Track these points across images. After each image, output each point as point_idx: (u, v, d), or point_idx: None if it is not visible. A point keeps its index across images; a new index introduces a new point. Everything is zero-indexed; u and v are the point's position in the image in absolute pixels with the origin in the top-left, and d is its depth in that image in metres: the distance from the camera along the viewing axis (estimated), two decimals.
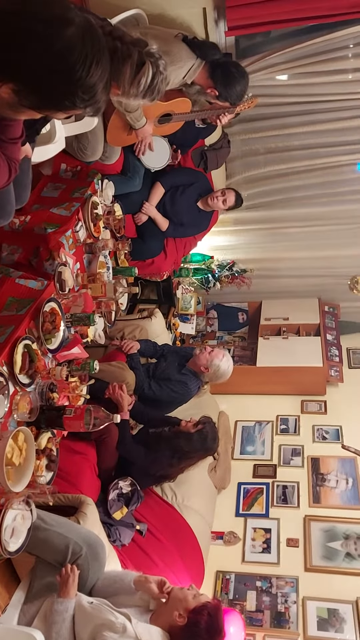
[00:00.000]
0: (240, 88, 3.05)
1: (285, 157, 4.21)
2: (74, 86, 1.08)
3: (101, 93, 1.12)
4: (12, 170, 1.39)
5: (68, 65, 1.05)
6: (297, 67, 3.64)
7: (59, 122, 2.39)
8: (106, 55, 1.11)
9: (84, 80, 1.07)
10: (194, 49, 2.94)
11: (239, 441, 4.28)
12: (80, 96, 1.10)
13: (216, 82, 2.99)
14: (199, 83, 3.06)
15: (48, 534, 2.18)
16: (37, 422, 2.05)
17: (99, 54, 1.08)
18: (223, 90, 3.01)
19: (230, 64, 3.07)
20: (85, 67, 1.07)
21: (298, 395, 4.52)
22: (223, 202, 3.78)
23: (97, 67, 1.08)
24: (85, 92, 1.09)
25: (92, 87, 1.09)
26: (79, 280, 2.58)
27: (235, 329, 5.14)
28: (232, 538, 3.60)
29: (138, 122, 2.88)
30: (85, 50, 1.06)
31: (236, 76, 3.00)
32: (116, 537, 2.80)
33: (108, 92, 1.16)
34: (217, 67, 2.98)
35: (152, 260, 3.66)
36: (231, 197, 3.80)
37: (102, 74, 1.10)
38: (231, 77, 2.99)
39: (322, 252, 4.66)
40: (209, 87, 3.02)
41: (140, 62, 1.86)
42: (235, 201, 3.84)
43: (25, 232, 2.58)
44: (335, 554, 3.44)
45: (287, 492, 3.85)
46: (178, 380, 3.31)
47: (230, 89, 3.01)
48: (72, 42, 1.04)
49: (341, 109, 3.93)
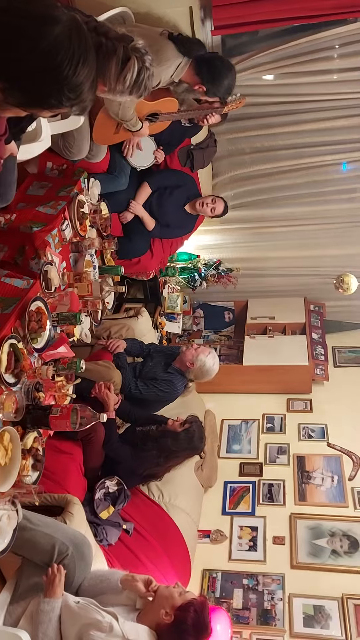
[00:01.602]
0: (228, 82, 3.01)
1: (271, 156, 4.23)
2: (61, 85, 1.07)
3: (87, 92, 1.12)
4: None
5: (54, 65, 1.04)
6: (283, 67, 3.66)
7: (44, 120, 2.38)
8: (93, 54, 1.10)
9: (70, 79, 1.07)
10: (180, 46, 2.92)
11: (225, 440, 4.29)
12: (67, 95, 1.09)
13: (203, 78, 2.95)
14: (186, 81, 3.03)
15: (34, 534, 2.16)
16: (23, 422, 2.04)
17: (85, 53, 1.08)
18: (211, 85, 2.98)
19: (216, 58, 3.03)
20: (72, 66, 1.06)
21: (284, 394, 4.54)
22: (212, 209, 3.82)
23: (83, 66, 1.08)
24: (71, 90, 1.09)
25: (79, 86, 1.09)
26: (65, 279, 2.57)
27: (221, 328, 5.16)
28: (218, 536, 3.62)
29: (135, 127, 2.87)
30: (71, 49, 1.05)
31: (223, 70, 2.97)
32: (103, 536, 2.80)
33: (94, 90, 1.15)
34: (203, 63, 2.94)
35: (139, 259, 3.66)
36: (220, 206, 3.87)
37: (88, 72, 1.09)
38: (217, 71, 2.96)
39: (307, 251, 4.68)
40: (197, 84, 2.99)
41: (125, 58, 1.85)
42: (223, 211, 3.89)
43: (11, 230, 2.57)
44: (321, 551, 3.47)
45: (273, 490, 3.87)
46: (164, 379, 3.32)
47: (217, 83, 2.98)
48: (59, 41, 1.03)
49: (326, 109, 3.96)
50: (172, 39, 2.93)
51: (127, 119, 2.74)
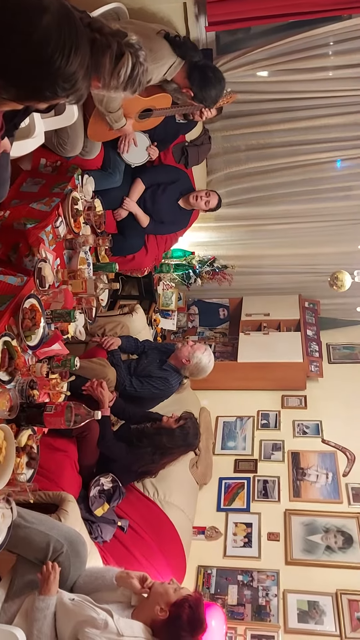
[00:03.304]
0: (216, 92, 3.06)
1: (266, 154, 4.22)
2: (54, 76, 1.05)
3: (82, 80, 1.10)
4: None
5: (46, 56, 1.03)
6: (278, 64, 3.65)
7: (38, 117, 2.37)
8: (85, 41, 1.08)
9: (63, 69, 1.05)
10: (175, 47, 2.94)
11: (220, 436, 4.31)
12: (62, 85, 1.07)
13: (193, 84, 3.00)
14: (176, 82, 3.07)
15: (29, 531, 2.16)
16: (17, 420, 2.03)
17: (77, 41, 1.06)
18: (199, 92, 3.02)
19: (209, 67, 3.07)
20: (64, 56, 1.04)
21: (278, 391, 4.55)
22: (206, 203, 3.80)
23: (76, 54, 1.06)
24: (66, 81, 1.07)
25: (73, 75, 1.07)
26: (59, 276, 2.56)
27: (216, 325, 5.17)
28: (213, 533, 3.63)
29: (117, 123, 2.87)
30: (62, 38, 1.03)
31: (213, 81, 3.02)
32: (97, 533, 2.80)
33: (89, 78, 1.13)
34: (195, 69, 2.98)
35: (133, 256, 3.66)
36: (214, 200, 3.85)
37: (81, 60, 1.07)
38: (208, 80, 3.00)
39: (302, 249, 4.69)
40: (186, 87, 3.03)
41: (119, 53, 1.84)
42: (217, 204, 3.88)
43: (4, 227, 2.55)
44: (315, 547, 3.49)
45: (268, 486, 3.89)
46: (159, 377, 3.31)
47: (205, 92, 3.02)
48: (49, 31, 1.01)
49: (321, 107, 3.96)
50: (168, 39, 2.94)
51: (111, 110, 2.72)
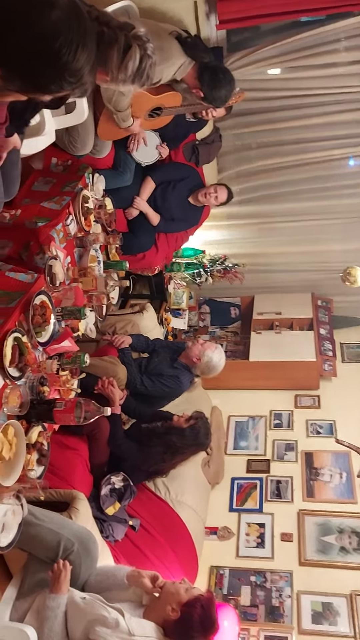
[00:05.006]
0: (225, 93, 3.05)
1: (277, 151, 4.20)
2: (60, 71, 1.06)
3: (88, 75, 1.10)
4: None
5: (53, 51, 1.03)
6: (289, 60, 3.63)
7: (48, 115, 2.37)
8: (92, 37, 1.09)
9: (70, 64, 1.05)
10: (186, 48, 2.93)
11: (232, 436, 4.27)
12: (67, 79, 1.08)
13: (202, 84, 2.99)
14: (186, 82, 3.07)
15: (39, 529, 2.16)
16: (28, 416, 2.02)
17: (85, 37, 1.06)
18: (208, 92, 3.02)
19: (219, 69, 3.07)
20: (72, 51, 1.04)
21: (291, 390, 4.50)
22: (215, 198, 3.78)
23: (83, 50, 1.06)
24: (72, 75, 1.07)
25: (79, 71, 1.08)
26: (70, 274, 2.55)
27: (227, 324, 5.13)
28: (226, 533, 3.60)
29: (124, 122, 2.87)
30: (70, 34, 1.04)
31: (223, 82, 3.01)
32: (109, 532, 2.79)
33: (95, 73, 1.14)
34: (205, 69, 2.98)
35: (144, 254, 3.65)
36: (223, 194, 3.82)
37: (88, 56, 1.08)
38: (217, 81, 3.00)
39: (314, 246, 4.65)
40: (196, 88, 3.03)
41: (127, 46, 1.83)
42: (227, 197, 3.85)
43: (16, 226, 2.56)
44: (329, 547, 3.44)
45: (281, 486, 3.85)
46: (170, 375, 3.30)
47: (215, 92, 3.02)
48: (57, 26, 1.02)
49: (332, 103, 3.93)
50: (179, 40, 2.93)
51: (119, 109, 2.72)
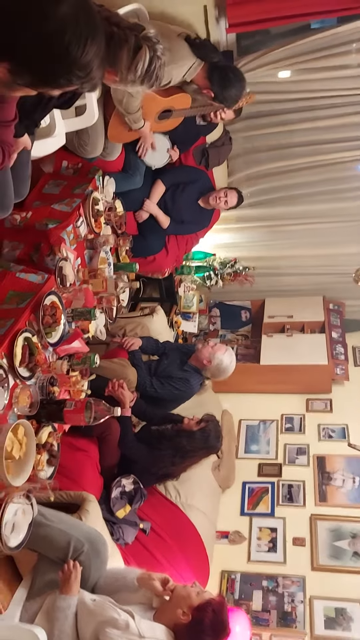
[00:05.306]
0: (236, 92, 3.06)
1: (288, 154, 4.19)
2: (69, 65, 1.06)
3: (97, 70, 1.11)
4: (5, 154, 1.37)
5: (62, 45, 1.03)
6: (299, 62, 3.62)
7: (59, 117, 2.39)
8: (101, 31, 1.09)
9: (79, 59, 1.06)
10: (195, 49, 2.94)
11: (243, 440, 4.25)
12: (76, 74, 1.08)
13: (213, 84, 3.00)
14: (196, 83, 3.07)
15: (49, 530, 2.15)
16: (38, 416, 2.02)
17: (93, 31, 1.07)
18: (219, 92, 3.02)
19: (229, 68, 3.08)
20: (80, 46, 1.05)
21: (303, 394, 4.47)
22: (225, 202, 3.78)
23: (91, 44, 1.06)
24: (80, 69, 1.08)
25: (88, 65, 1.08)
26: (80, 275, 2.56)
27: (238, 327, 5.11)
28: (237, 537, 3.57)
29: (136, 124, 2.88)
30: (79, 28, 1.04)
31: (233, 81, 3.01)
32: (119, 535, 2.77)
33: (104, 68, 1.14)
34: (215, 69, 2.99)
35: (154, 257, 3.65)
36: (233, 197, 3.82)
37: (97, 50, 1.08)
38: (228, 80, 3.00)
39: (325, 249, 4.62)
40: (206, 88, 3.03)
41: (137, 47, 1.84)
42: (237, 201, 3.84)
43: (27, 228, 2.57)
44: (342, 553, 3.40)
45: (293, 491, 3.81)
46: (180, 377, 3.29)
47: (226, 91, 3.02)
48: (66, 21, 1.02)
49: (343, 105, 3.91)
50: (188, 41, 2.94)
51: (130, 111, 2.73)
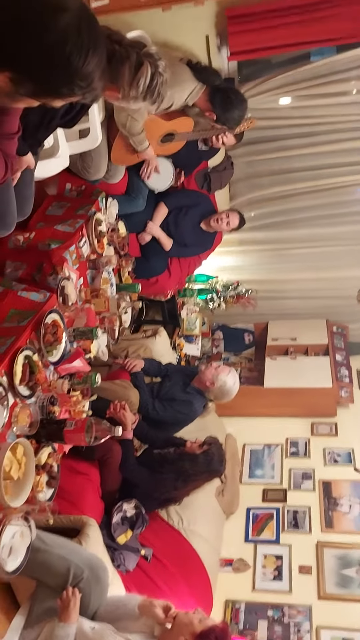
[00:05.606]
0: (238, 113, 3.11)
1: (289, 178, 4.22)
2: (71, 75, 1.07)
3: (98, 80, 1.12)
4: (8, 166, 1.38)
5: (64, 55, 1.04)
6: (299, 89, 3.67)
7: (62, 138, 2.42)
8: (102, 42, 1.10)
9: (80, 68, 1.07)
10: (197, 73, 3.01)
11: (247, 465, 4.18)
12: (78, 84, 1.09)
13: (215, 106, 3.06)
14: (198, 106, 3.13)
15: (48, 555, 2.10)
16: (37, 436, 1.99)
17: (95, 42, 1.08)
18: (221, 114, 3.08)
19: (230, 90, 3.14)
20: (82, 56, 1.06)
21: (308, 417, 4.42)
22: (227, 224, 3.80)
23: (93, 55, 1.07)
24: (82, 79, 1.09)
25: (89, 75, 1.09)
26: (82, 295, 2.56)
27: (241, 350, 5.09)
28: (241, 565, 3.47)
29: (141, 146, 2.92)
30: (81, 38, 1.05)
31: (234, 102, 3.08)
32: (120, 561, 2.70)
33: (105, 79, 1.15)
34: (217, 92, 3.05)
35: (156, 279, 3.66)
36: (235, 219, 3.84)
37: (98, 61, 1.09)
38: (229, 102, 3.06)
39: (328, 273, 4.63)
40: (208, 111, 3.09)
41: (138, 63, 1.88)
42: (239, 223, 3.87)
43: (29, 248, 2.59)
44: (349, 581, 3.31)
45: (298, 517, 3.73)
46: (182, 400, 3.25)
47: (228, 113, 3.08)
48: (68, 31, 1.03)
49: (344, 130, 3.96)
50: (190, 66, 3.01)
51: (134, 132, 2.77)
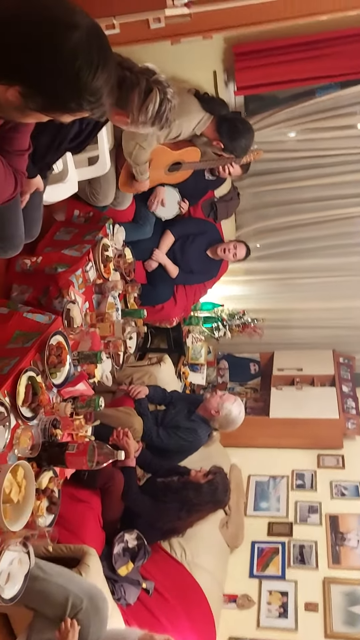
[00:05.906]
0: (245, 142, 3.16)
1: (295, 209, 4.27)
2: (80, 90, 1.09)
3: (107, 96, 1.14)
4: (17, 182, 1.40)
5: (73, 71, 1.07)
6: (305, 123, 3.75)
7: (71, 164, 2.46)
8: (112, 59, 1.13)
9: (89, 84, 1.09)
10: (204, 103, 3.07)
11: (252, 497, 4.09)
12: (87, 99, 1.11)
13: (222, 136, 3.11)
14: (206, 135, 3.19)
15: (46, 584, 2.04)
16: (39, 459, 1.96)
17: (105, 59, 1.10)
18: (229, 143, 3.13)
19: (237, 119, 3.20)
20: (91, 72, 1.08)
21: (314, 449, 4.35)
22: (234, 255, 3.83)
23: (102, 71, 1.09)
24: (91, 94, 1.11)
25: (98, 90, 1.11)
26: (88, 319, 2.56)
27: (247, 380, 5.04)
28: (246, 602, 3.36)
29: (142, 175, 2.97)
30: (90, 55, 1.07)
31: (241, 131, 3.13)
32: (121, 594, 2.62)
33: (114, 95, 1.17)
34: (224, 121, 3.11)
35: (162, 305, 3.67)
36: (242, 251, 3.87)
37: (107, 77, 1.11)
38: (237, 131, 3.12)
39: (334, 303, 4.63)
40: (216, 140, 3.14)
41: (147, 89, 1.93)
42: (245, 255, 3.90)
43: (36, 272, 2.61)
44: (357, 619, 3.20)
45: (305, 552, 3.62)
46: (187, 428, 3.21)
47: (235, 142, 3.13)
48: (78, 47, 1.05)
49: (349, 162, 4.02)
50: (197, 96, 3.08)
51: (138, 162, 2.82)
